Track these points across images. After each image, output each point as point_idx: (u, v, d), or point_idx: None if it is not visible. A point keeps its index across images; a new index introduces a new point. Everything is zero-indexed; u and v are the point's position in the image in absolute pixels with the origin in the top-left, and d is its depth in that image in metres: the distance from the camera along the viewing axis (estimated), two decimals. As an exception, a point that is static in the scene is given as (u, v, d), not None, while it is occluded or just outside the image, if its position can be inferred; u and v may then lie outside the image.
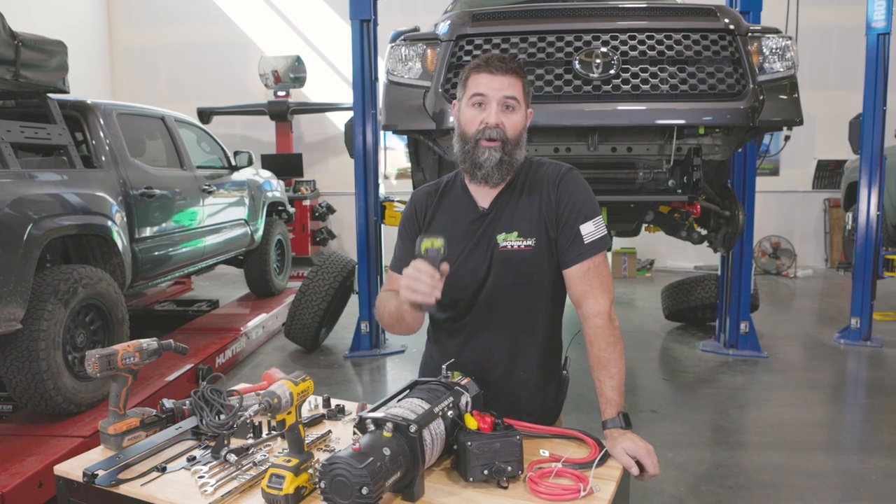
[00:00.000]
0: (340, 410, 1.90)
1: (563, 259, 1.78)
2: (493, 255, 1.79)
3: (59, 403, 3.48)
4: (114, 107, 4.56)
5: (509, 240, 1.77)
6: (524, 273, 1.79)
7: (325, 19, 10.18)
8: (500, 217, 1.81)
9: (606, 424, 1.67)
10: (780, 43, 3.31)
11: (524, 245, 1.77)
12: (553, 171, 1.82)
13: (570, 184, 1.79)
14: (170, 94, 10.08)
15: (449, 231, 1.81)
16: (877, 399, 4.61)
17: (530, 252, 1.77)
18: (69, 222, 3.73)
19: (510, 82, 1.73)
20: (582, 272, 1.76)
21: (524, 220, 1.78)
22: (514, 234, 1.77)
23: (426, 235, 1.59)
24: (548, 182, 1.80)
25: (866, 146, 5.69)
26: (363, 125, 5.40)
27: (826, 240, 9.86)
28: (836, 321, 6.51)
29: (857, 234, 5.84)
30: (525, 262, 1.78)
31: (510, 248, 1.77)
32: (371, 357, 5.60)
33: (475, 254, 1.81)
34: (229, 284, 8.78)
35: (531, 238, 1.77)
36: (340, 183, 10.05)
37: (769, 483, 3.38)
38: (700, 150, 3.32)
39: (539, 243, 1.77)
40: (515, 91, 1.74)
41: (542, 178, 1.82)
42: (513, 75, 1.73)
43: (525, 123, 1.80)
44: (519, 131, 1.77)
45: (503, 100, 1.73)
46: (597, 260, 1.77)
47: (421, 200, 1.94)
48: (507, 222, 1.79)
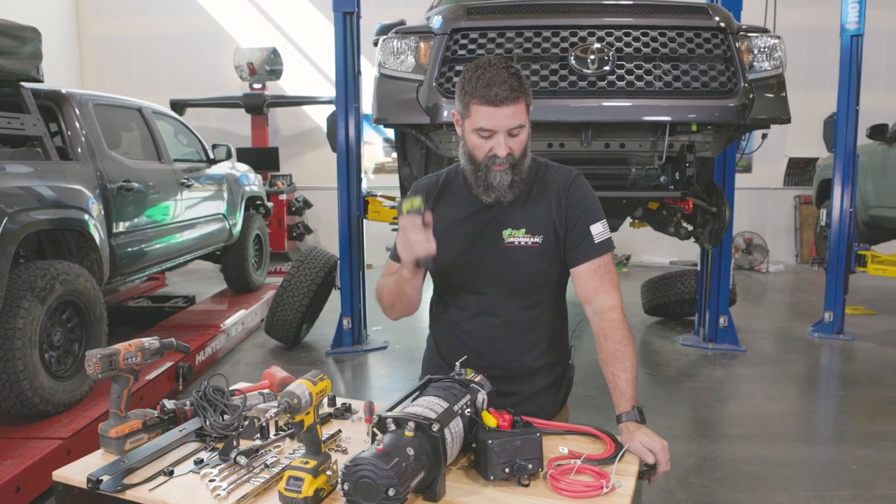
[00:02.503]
0: (347, 409, 1.87)
1: (573, 257, 1.80)
2: (500, 250, 1.80)
3: (36, 404, 3.36)
4: (90, 97, 4.44)
5: (516, 236, 1.79)
6: (530, 269, 1.80)
7: (301, 11, 10.04)
8: (506, 213, 1.81)
9: (621, 418, 1.67)
10: (769, 42, 3.35)
11: (531, 242, 1.78)
12: (563, 175, 1.85)
13: (581, 188, 1.84)
14: (141, 85, 9.84)
15: (451, 221, 1.85)
16: (851, 391, 4.72)
17: (537, 249, 1.79)
18: (45, 216, 3.61)
19: (513, 111, 1.69)
20: (593, 269, 1.79)
21: (532, 218, 1.80)
22: (522, 231, 1.79)
23: (404, 199, 1.64)
24: (558, 184, 1.83)
25: (840, 145, 5.80)
26: (346, 119, 5.34)
27: (796, 236, 10.06)
28: (808, 315, 6.63)
29: (830, 231, 5.96)
30: (531, 259, 1.79)
31: (517, 245, 1.79)
32: (353, 353, 5.55)
33: (479, 245, 1.82)
34: (204, 280, 8.64)
35: (539, 235, 1.79)
36: (317, 177, 9.95)
37: (755, 474, 3.43)
38: (693, 147, 3.34)
39: (546, 241, 1.79)
40: (519, 118, 1.71)
41: (551, 180, 1.84)
42: (514, 102, 1.68)
43: (528, 130, 1.78)
44: (524, 147, 1.77)
45: (509, 131, 1.71)
46: (606, 258, 1.81)
47: (422, 190, 1.95)
48: (514, 219, 1.80)
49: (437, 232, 1.81)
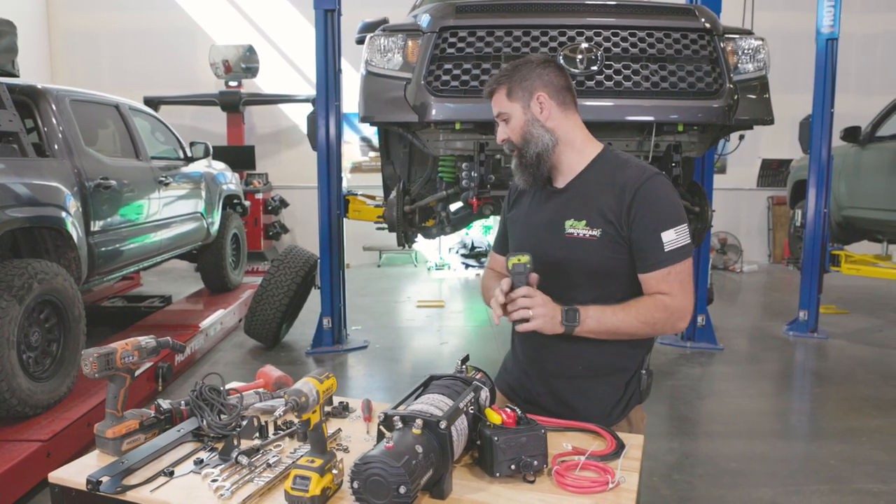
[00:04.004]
0: (345, 408, 1.86)
1: (642, 264, 1.74)
2: (561, 239, 1.80)
3: (14, 406, 3.30)
4: (66, 93, 4.35)
5: (577, 227, 1.78)
6: (590, 260, 1.77)
7: (278, 8, 9.95)
8: (573, 201, 1.81)
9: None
10: (753, 44, 3.40)
11: (589, 235, 1.76)
12: (636, 173, 1.76)
13: (653, 189, 1.74)
14: (114, 81, 9.67)
15: (526, 206, 1.94)
16: (827, 388, 4.82)
17: (594, 242, 1.76)
18: (22, 214, 3.54)
19: (494, 101, 1.86)
20: (660, 277, 1.72)
21: (595, 210, 1.77)
22: (583, 223, 1.77)
23: (512, 254, 1.68)
24: (628, 182, 1.74)
25: (815, 146, 5.92)
26: (326, 117, 5.30)
27: (769, 236, 10.24)
28: (782, 314, 6.75)
29: (805, 231, 6.07)
30: (590, 251, 1.76)
31: (576, 236, 1.77)
32: (333, 353, 5.52)
33: (543, 232, 1.85)
34: (179, 279, 8.53)
35: (597, 229, 1.75)
36: (294, 176, 9.87)
37: (737, 470, 3.49)
38: (680, 147, 3.38)
39: (604, 235, 1.75)
40: (499, 106, 1.85)
41: (622, 176, 1.76)
42: (494, 93, 1.86)
43: (526, 118, 1.79)
44: (520, 133, 1.82)
45: (499, 118, 1.88)
46: (678, 267, 1.73)
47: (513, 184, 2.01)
48: (578, 209, 1.79)
49: (517, 219, 1.98)
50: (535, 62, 1.83)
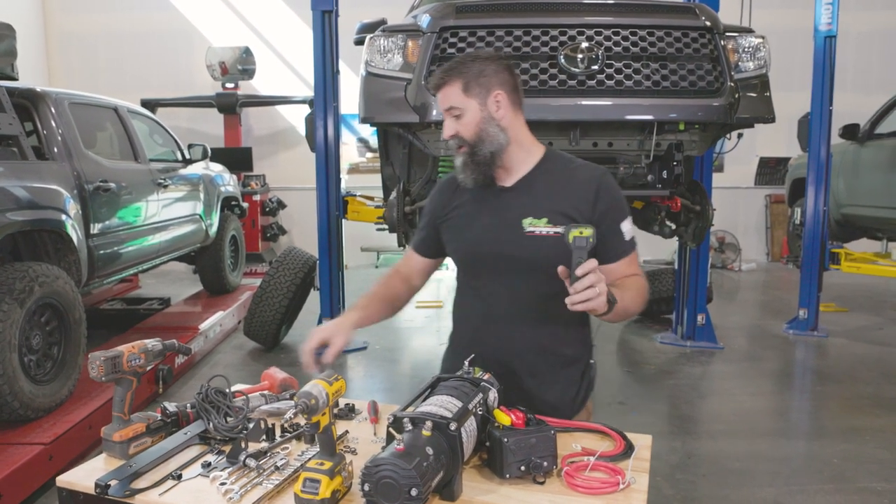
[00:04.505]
0: (351, 409, 1.85)
1: (609, 255, 1.79)
2: (520, 238, 1.80)
3: (16, 409, 3.29)
4: (66, 95, 4.35)
5: (537, 225, 1.79)
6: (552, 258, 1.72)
7: (274, 10, 9.94)
8: (525, 200, 1.82)
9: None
10: (754, 42, 3.40)
11: (552, 232, 1.77)
12: (591, 171, 1.85)
13: (611, 185, 1.83)
14: (111, 83, 9.63)
15: (469, 205, 1.89)
16: (828, 386, 4.81)
17: (557, 239, 1.74)
18: (23, 217, 3.53)
19: (445, 94, 1.80)
20: (627, 263, 1.82)
21: (554, 208, 1.79)
22: (544, 221, 1.78)
23: (574, 225, 1.54)
24: (585, 180, 1.82)
25: (814, 144, 5.92)
26: (325, 118, 5.30)
27: (767, 234, 10.25)
28: (782, 312, 6.75)
29: (804, 229, 6.07)
30: (553, 248, 1.76)
31: (538, 234, 1.78)
32: (333, 354, 5.50)
33: (499, 233, 1.83)
34: (177, 282, 8.51)
35: (560, 226, 1.76)
36: (291, 177, 9.86)
37: (740, 470, 3.48)
38: (681, 146, 3.38)
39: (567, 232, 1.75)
40: (451, 100, 1.79)
41: (577, 174, 1.84)
42: (445, 86, 1.79)
43: (483, 115, 1.78)
44: (474, 130, 1.79)
45: (447, 113, 1.81)
46: (634, 255, 1.85)
47: (444, 185, 2.00)
48: (535, 208, 1.80)
49: (457, 219, 1.92)
50: (490, 59, 1.82)
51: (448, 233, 1.94)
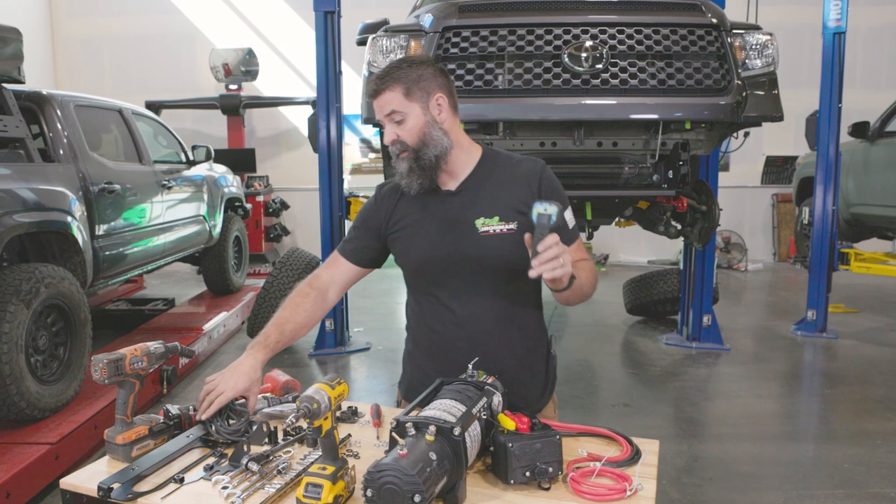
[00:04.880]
0: (354, 412, 1.83)
1: None
2: (475, 239, 1.80)
3: (23, 409, 3.31)
4: (71, 98, 4.35)
5: (490, 224, 1.80)
6: (509, 255, 1.79)
7: (277, 12, 9.96)
8: (474, 202, 1.83)
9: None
10: (761, 39, 3.36)
11: (507, 229, 1.79)
12: (531, 164, 1.88)
13: (552, 177, 1.87)
14: (115, 86, 9.69)
15: (418, 214, 1.86)
16: (838, 389, 4.76)
17: (513, 235, 1.78)
18: (29, 219, 3.55)
19: (385, 100, 1.77)
20: (574, 250, 1.82)
21: (503, 205, 1.81)
22: (496, 219, 1.80)
23: (540, 202, 1.55)
24: (528, 173, 1.85)
25: (822, 143, 5.85)
26: (327, 119, 5.29)
27: (774, 234, 10.19)
28: (790, 313, 6.71)
29: (813, 229, 6.01)
30: (508, 245, 1.78)
31: (492, 233, 1.79)
32: (336, 355, 5.51)
33: (452, 237, 1.82)
34: (181, 282, 8.52)
35: (513, 222, 1.79)
36: (294, 178, 9.88)
37: (748, 474, 3.45)
38: (688, 145, 3.35)
39: (520, 227, 1.78)
40: (393, 104, 1.76)
41: (517, 168, 1.87)
42: (385, 91, 1.77)
43: (426, 119, 1.77)
44: (417, 134, 1.77)
45: (387, 118, 1.79)
46: (580, 241, 1.89)
47: (384, 194, 1.95)
48: (484, 207, 1.81)
49: (406, 229, 1.88)
50: (426, 63, 1.81)
51: (397, 244, 1.90)
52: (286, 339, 1.84)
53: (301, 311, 1.87)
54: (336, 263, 1.97)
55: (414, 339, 2.00)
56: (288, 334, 1.84)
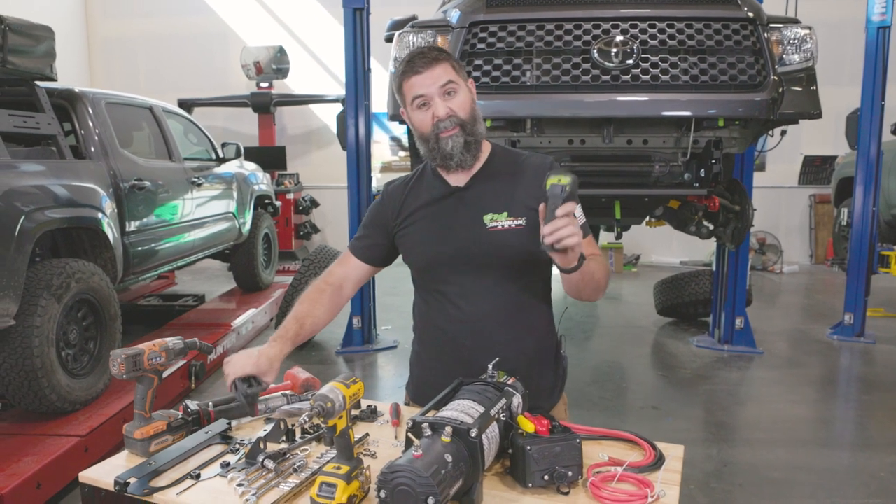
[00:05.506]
0: (373, 411, 1.81)
1: None
2: (483, 235, 1.77)
3: (54, 402, 3.38)
4: (102, 96, 4.41)
5: (499, 220, 1.77)
6: (518, 251, 1.77)
7: (308, 9, 10.03)
8: (483, 197, 1.80)
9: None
10: (800, 33, 3.26)
11: (515, 224, 1.76)
12: (540, 160, 1.85)
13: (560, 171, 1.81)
14: (149, 85, 9.84)
15: (425, 211, 1.85)
16: (875, 395, 4.62)
17: (521, 231, 1.76)
18: (61, 215, 3.60)
19: (440, 71, 1.73)
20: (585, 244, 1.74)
21: (512, 201, 1.78)
22: (504, 215, 1.77)
23: (553, 172, 1.50)
24: (537, 168, 1.82)
25: (863, 142, 5.66)
26: (356, 117, 5.29)
27: (811, 235, 9.94)
28: (826, 317, 6.54)
29: (852, 230, 5.84)
30: (517, 241, 1.76)
31: (501, 228, 1.77)
32: (363, 353, 5.51)
33: (460, 233, 1.79)
34: (212, 279, 8.61)
35: (521, 218, 1.76)
36: (324, 176, 9.93)
37: (779, 480, 3.36)
38: (720, 143, 3.27)
39: (529, 223, 1.75)
40: (448, 75, 1.74)
41: (527, 165, 1.84)
42: (437, 64, 1.73)
43: (472, 96, 1.78)
44: (469, 108, 1.77)
45: (441, 90, 1.73)
46: (591, 237, 1.81)
47: (392, 192, 1.95)
48: (493, 203, 1.79)
49: (414, 225, 1.86)
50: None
51: (407, 240, 1.88)
52: (305, 333, 1.85)
53: (319, 307, 1.88)
54: (348, 261, 1.97)
55: (421, 340, 1.97)
56: (307, 328, 1.85)
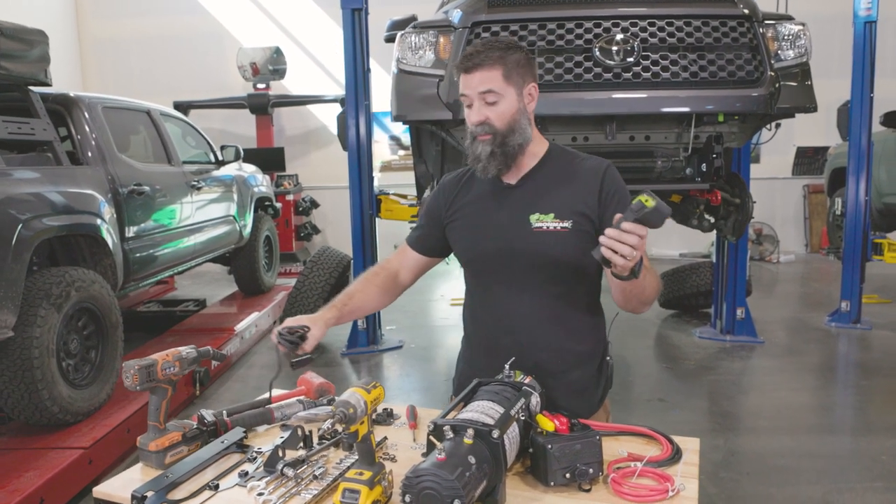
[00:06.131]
0: (390, 414, 1.82)
1: None
2: (528, 234, 1.77)
3: (55, 414, 3.32)
4: (98, 100, 4.38)
5: (545, 220, 1.76)
6: (561, 253, 1.76)
7: (304, 9, 9.99)
8: (532, 196, 1.79)
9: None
10: (794, 29, 3.29)
11: (560, 227, 1.75)
12: (596, 163, 1.83)
13: (615, 178, 1.81)
14: (143, 87, 9.77)
15: (475, 205, 1.86)
16: (874, 380, 4.67)
17: (566, 234, 1.75)
18: (59, 222, 3.57)
19: (484, 77, 1.70)
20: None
21: (560, 203, 1.77)
22: (551, 216, 1.76)
23: (646, 193, 1.46)
24: (590, 172, 1.80)
25: (854, 133, 5.75)
26: (356, 117, 5.28)
27: (806, 225, 10.02)
28: (823, 305, 6.59)
29: (846, 219, 5.90)
30: (561, 243, 1.76)
31: (545, 230, 1.76)
32: (369, 354, 5.51)
33: (507, 231, 1.79)
34: (212, 283, 8.59)
35: (568, 221, 1.75)
36: (323, 176, 9.90)
37: (784, 467, 3.39)
38: (721, 138, 3.29)
39: (575, 227, 1.75)
40: (491, 83, 1.70)
41: (581, 168, 1.82)
42: (485, 68, 1.70)
43: (518, 106, 1.75)
44: (508, 119, 1.73)
45: (480, 96, 1.72)
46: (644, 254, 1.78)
47: (446, 185, 1.97)
48: (541, 203, 1.78)
49: (462, 219, 1.87)
50: (523, 50, 1.77)
51: (455, 233, 1.90)
52: (354, 305, 1.90)
53: (370, 286, 1.94)
54: (404, 253, 2.01)
55: (467, 336, 1.99)
56: (356, 301, 1.91)
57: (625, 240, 1.41)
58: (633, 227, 1.41)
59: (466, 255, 1.90)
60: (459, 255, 1.93)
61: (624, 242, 1.42)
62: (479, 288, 1.90)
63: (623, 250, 1.42)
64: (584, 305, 1.86)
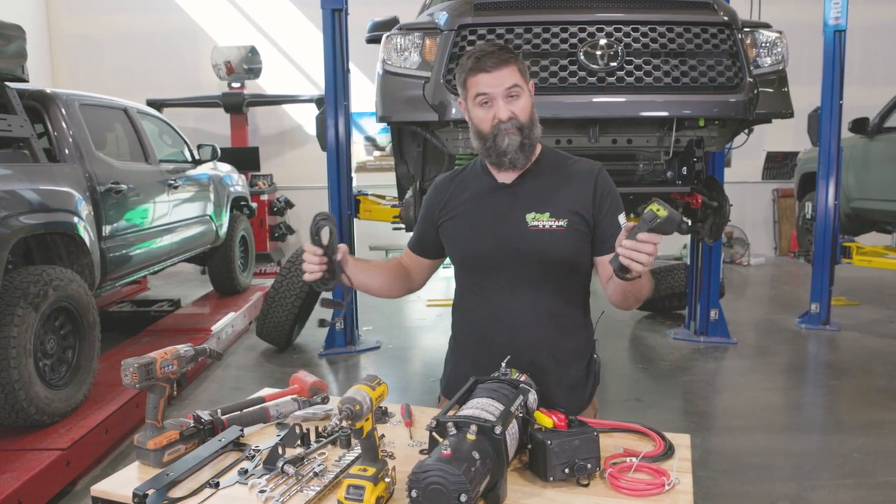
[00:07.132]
0: (384, 412, 1.83)
1: (608, 246, 1.77)
2: (524, 233, 1.80)
3: (32, 415, 3.28)
4: (76, 97, 4.33)
5: (540, 220, 1.80)
6: (555, 252, 1.80)
7: (280, 9, 9.91)
8: (527, 196, 1.83)
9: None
10: (771, 37, 3.38)
11: (556, 225, 1.79)
12: (588, 165, 1.88)
13: (608, 180, 1.86)
14: (116, 84, 9.61)
15: (469, 204, 1.88)
16: (843, 380, 4.80)
17: (561, 233, 1.79)
18: (36, 220, 3.52)
19: (507, 73, 1.75)
20: None
21: (555, 203, 1.81)
22: (546, 215, 1.80)
23: (657, 202, 1.49)
24: (584, 174, 1.85)
25: (824, 139, 5.90)
26: (335, 117, 5.26)
27: (775, 228, 10.22)
28: (793, 307, 6.74)
29: (816, 223, 6.04)
30: (556, 242, 1.80)
31: (541, 228, 1.80)
32: (346, 354, 5.50)
33: (502, 229, 1.82)
34: (185, 283, 8.49)
35: (563, 220, 1.79)
36: (299, 176, 9.84)
37: (760, 465, 3.47)
38: (702, 142, 3.36)
39: (570, 226, 1.79)
40: (514, 79, 1.76)
41: (574, 169, 1.87)
42: (507, 66, 1.75)
43: (532, 100, 1.82)
44: (529, 112, 1.80)
45: (506, 92, 1.76)
46: None
47: (440, 185, 1.99)
48: (536, 203, 1.82)
49: (457, 218, 1.89)
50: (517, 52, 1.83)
51: (448, 233, 1.93)
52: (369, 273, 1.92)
53: (385, 270, 1.97)
54: (408, 255, 2.05)
55: (456, 335, 2.01)
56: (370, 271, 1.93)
57: (642, 249, 1.46)
58: (649, 237, 1.46)
59: (461, 253, 1.92)
60: (453, 253, 1.94)
61: (641, 252, 1.47)
62: (473, 287, 1.92)
63: (641, 259, 1.47)
64: (576, 303, 1.90)
